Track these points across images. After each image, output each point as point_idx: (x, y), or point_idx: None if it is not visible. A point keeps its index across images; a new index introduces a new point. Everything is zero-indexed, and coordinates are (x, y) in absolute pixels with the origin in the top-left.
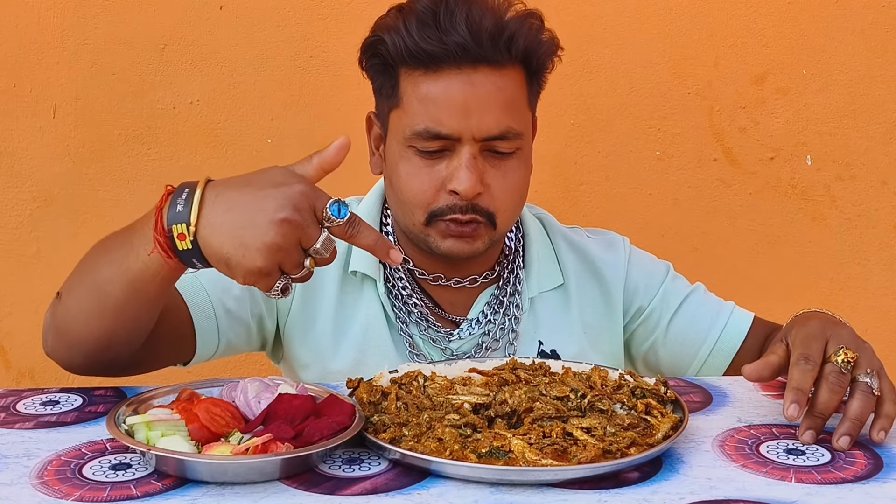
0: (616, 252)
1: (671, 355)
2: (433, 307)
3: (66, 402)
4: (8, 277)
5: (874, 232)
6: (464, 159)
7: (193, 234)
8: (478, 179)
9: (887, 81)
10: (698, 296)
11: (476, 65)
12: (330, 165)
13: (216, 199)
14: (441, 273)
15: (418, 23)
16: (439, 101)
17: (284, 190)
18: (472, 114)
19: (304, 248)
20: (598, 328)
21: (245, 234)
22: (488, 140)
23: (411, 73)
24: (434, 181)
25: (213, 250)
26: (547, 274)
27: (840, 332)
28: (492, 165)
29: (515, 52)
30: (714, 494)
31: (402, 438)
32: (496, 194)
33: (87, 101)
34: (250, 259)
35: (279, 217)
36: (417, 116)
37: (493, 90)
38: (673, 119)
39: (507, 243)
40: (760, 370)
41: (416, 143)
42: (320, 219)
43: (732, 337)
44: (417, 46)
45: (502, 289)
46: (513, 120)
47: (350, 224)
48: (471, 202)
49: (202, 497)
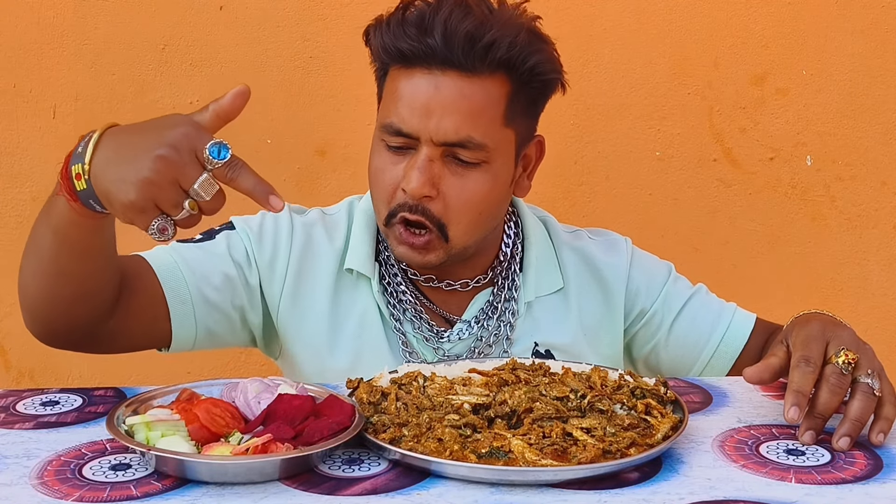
0: (618, 254)
1: (673, 358)
2: (428, 304)
3: (66, 402)
4: (8, 277)
5: (874, 232)
6: (419, 160)
7: (87, 174)
8: (426, 181)
9: (887, 81)
10: (700, 298)
11: (445, 68)
12: (226, 113)
13: (108, 140)
14: (432, 275)
15: (403, 20)
16: (405, 98)
17: (169, 131)
18: (432, 116)
19: (183, 188)
20: (597, 331)
21: (123, 170)
22: (447, 145)
23: (395, 68)
24: (394, 178)
25: (100, 187)
26: (546, 278)
27: (840, 334)
28: (452, 173)
29: (492, 60)
30: (714, 495)
31: (401, 439)
32: (450, 203)
33: (87, 101)
34: (125, 192)
35: (155, 153)
36: (388, 111)
37: (458, 96)
38: (673, 119)
39: (503, 249)
40: (761, 373)
41: (384, 137)
42: (201, 160)
43: (735, 339)
44: (392, 43)
45: (497, 294)
46: (475, 130)
47: (230, 166)
48: (419, 203)
49: (202, 497)
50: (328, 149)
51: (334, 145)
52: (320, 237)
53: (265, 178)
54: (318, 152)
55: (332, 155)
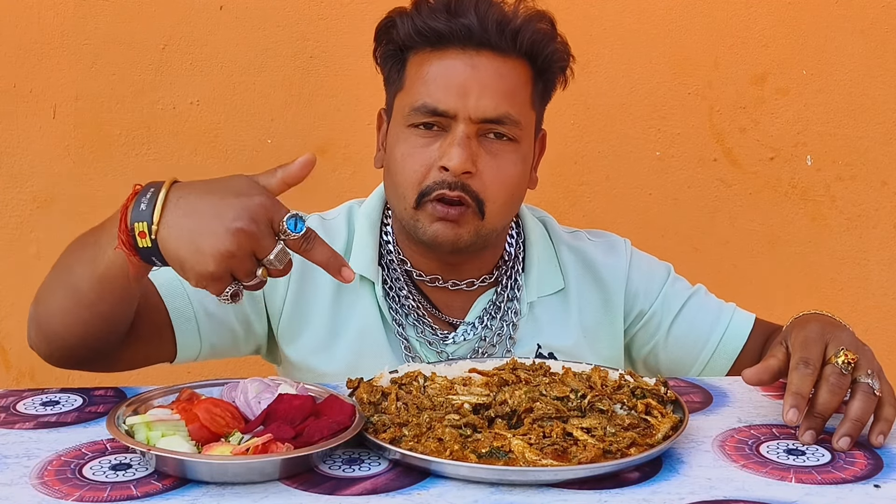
0: (617, 256)
1: (672, 359)
2: (430, 308)
3: (66, 402)
4: (8, 278)
5: (874, 232)
6: (457, 137)
7: (154, 234)
8: (468, 157)
9: (887, 81)
10: (699, 298)
11: (480, 48)
12: (294, 180)
13: (178, 202)
14: (438, 275)
15: (429, 6)
16: (440, 79)
17: (244, 200)
18: (470, 94)
19: (257, 258)
20: (597, 332)
21: (201, 240)
22: (484, 122)
23: (418, 53)
24: (427, 159)
25: (171, 251)
26: (547, 278)
27: (840, 335)
28: (486, 151)
29: (520, 44)
30: (714, 494)
31: (402, 438)
32: (487, 181)
33: (87, 101)
34: (203, 264)
35: (235, 226)
36: (419, 93)
37: (494, 75)
38: (673, 119)
39: (507, 248)
40: (760, 374)
41: (413, 120)
42: (277, 231)
43: (734, 340)
44: (425, 24)
45: (500, 294)
46: (512, 107)
47: (305, 239)
48: (460, 180)
49: (202, 497)
50: (328, 149)
51: (334, 145)
52: None
53: None
54: (318, 152)
55: (332, 155)
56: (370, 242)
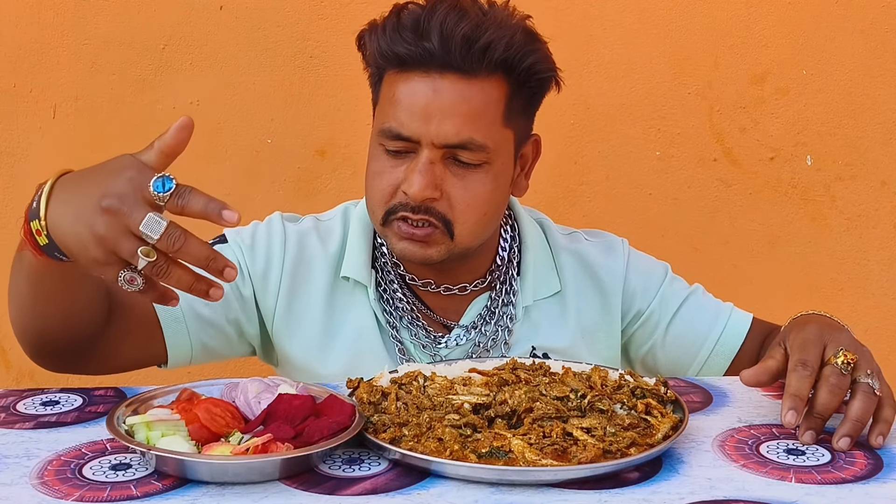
0: (615, 256)
1: (670, 358)
2: (425, 310)
3: (66, 402)
4: (8, 277)
5: (874, 232)
6: (419, 163)
7: (46, 229)
8: (428, 184)
9: (887, 81)
10: (697, 298)
11: (443, 71)
12: (171, 149)
13: (60, 192)
14: (430, 279)
15: (398, 24)
16: (404, 102)
17: (112, 178)
18: (432, 119)
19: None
20: (595, 332)
21: (78, 226)
22: (448, 147)
23: (390, 72)
24: (394, 180)
25: (62, 243)
26: (543, 281)
27: (838, 336)
28: (453, 174)
29: (489, 61)
30: (714, 494)
31: (402, 438)
32: (454, 203)
33: (87, 101)
34: (86, 250)
35: (101, 205)
36: (386, 115)
37: (457, 99)
38: (673, 119)
39: (501, 253)
40: (758, 376)
41: (383, 142)
42: (150, 200)
43: (731, 339)
44: (388, 46)
45: (495, 299)
46: (476, 132)
47: (177, 195)
48: (422, 205)
49: (202, 497)
50: (328, 149)
51: (334, 145)
52: (314, 246)
53: (264, 179)
54: (318, 152)
55: (332, 155)
56: (363, 245)
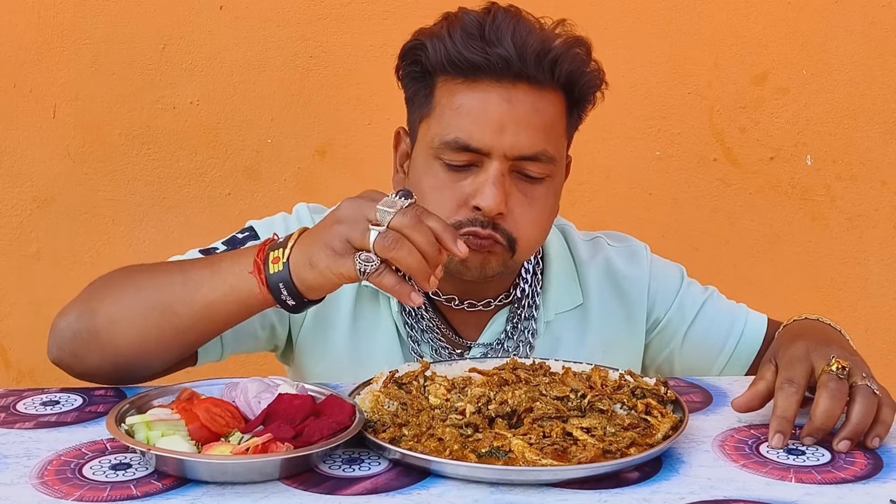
0: (639, 265)
1: (687, 365)
2: (445, 329)
3: (66, 402)
4: (8, 277)
5: (874, 232)
6: (491, 175)
7: (287, 258)
8: (503, 198)
9: (887, 81)
10: (713, 303)
11: (517, 81)
12: None
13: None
14: (455, 295)
15: (463, 32)
16: (474, 112)
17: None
18: (506, 130)
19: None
20: (617, 344)
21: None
22: (519, 160)
23: (448, 81)
24: (457, 196)
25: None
26: (566, 294)
27: (826, 350)
28: (519, 190)
29: (558, 75)
30: (714, 494)
31: (402, 438)
32: (519, 220)
33: (87, 101)
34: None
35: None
36: (449, 126)
37: (531, 109)
38: (673, 119)
39: (526, 265)
40: (749, 402)
41: (443, 155)
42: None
43: (750, 344)
44: (460, 54)
45: (516, 312)
46: (548, 143)
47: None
48: (492, 220)
49: (202, 497)
50: (328, 149)
51: (334, 145)
52: None
53: (264, 179)
54: (318, 152)
55: (332, 155)
56: None
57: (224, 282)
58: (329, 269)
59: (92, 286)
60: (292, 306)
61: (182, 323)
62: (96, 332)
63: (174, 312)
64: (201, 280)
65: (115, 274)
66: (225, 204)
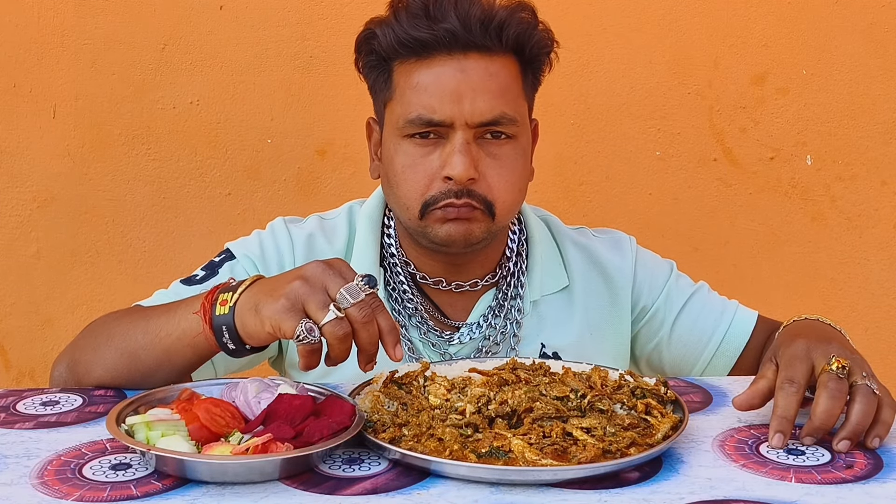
0: (623, 253)
1: (675, 357)
2: (433, 311)
3: (66, 402)
4: (8, 277)
5: (874, 232)
6: (457, 144)
7: (233, 301)
8: (471, 164)
9: (887, 81)
10: (702, 295)
11: (467, 51)
12: None
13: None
14: (442, 276)
15: (408, 13)
16: (431, 88)
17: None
18: (464, 99)
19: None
20: (603, 329)
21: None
22: (482, 126)
23: (404, 63)
24: (428, 171)
25: (243, 309)
26: (551, 276)
27: (826, 348)
28: (486, 154)
29: (506, 39)
30: (714, 494)
31: (401, 438)
32: (492, 183)
33: (87, 101)
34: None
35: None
36: (410, 105)
37: (485, 76)
38: (673, 119)
39: (510, 245)
40: (751, 400)
41: (409, 132)
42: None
43: (737, 338)
44: (407, 35)
45: (503, 292)
46: (507, 106)
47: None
48: (465, 187)
49: (202, 497)
50: (328, 149)
51: (334, 145)
52: (322, 246)
53: (264, 179)
54: (318, 152)
55: (332, 155)
56: (371, 243)
57: (178, 326)
58: (271, 318)
59: (81, 334)
60: (232, 350)
61: (146, 367)
62: (79, 381)
63: (138, 359)
64: (159, 325)
65: (97, 323)
66: (225, 204)
